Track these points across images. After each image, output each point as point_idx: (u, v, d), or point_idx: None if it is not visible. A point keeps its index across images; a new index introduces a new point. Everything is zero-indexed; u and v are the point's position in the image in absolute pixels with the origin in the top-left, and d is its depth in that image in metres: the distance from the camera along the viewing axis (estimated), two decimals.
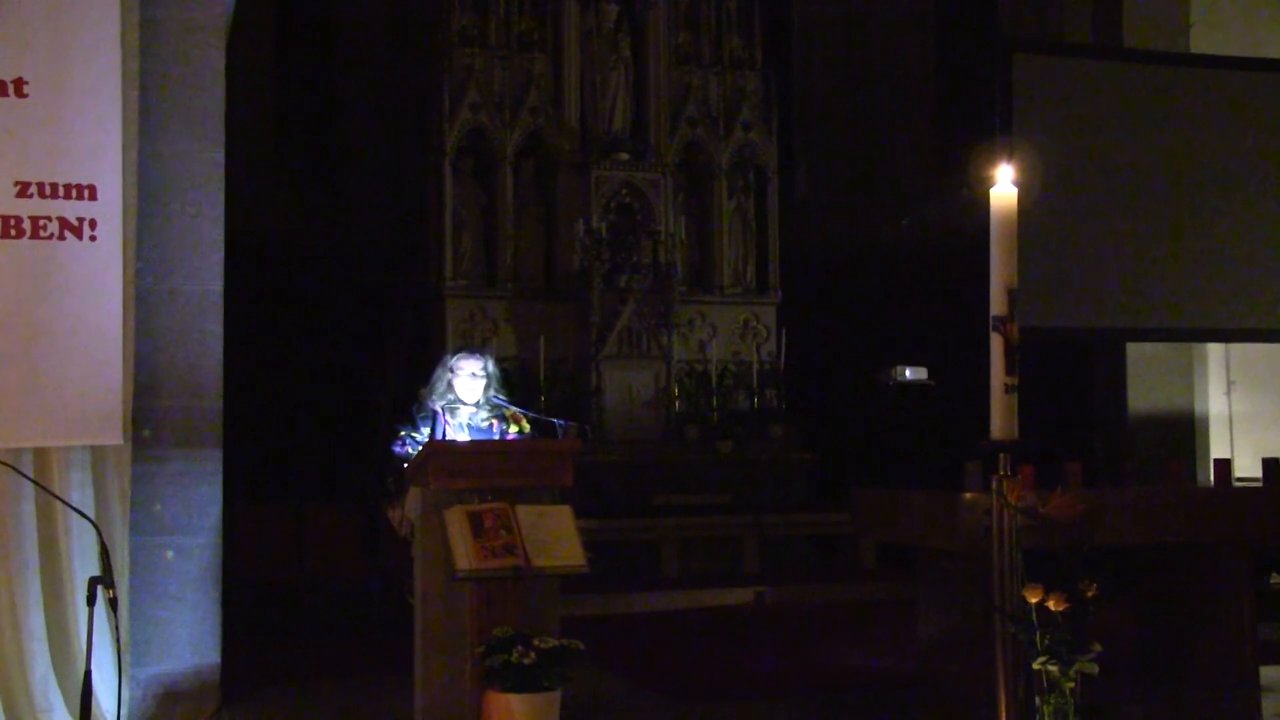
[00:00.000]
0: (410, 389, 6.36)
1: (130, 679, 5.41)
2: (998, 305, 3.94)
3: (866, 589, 9.74)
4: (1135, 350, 10.69)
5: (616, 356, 11.44)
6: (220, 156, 5.87)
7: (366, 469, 7.37)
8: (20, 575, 5.25)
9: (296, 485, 10.22)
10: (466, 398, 5.96)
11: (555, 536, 5.07)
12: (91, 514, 5.05)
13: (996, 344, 3.93)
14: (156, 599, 5.58)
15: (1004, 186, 3.98)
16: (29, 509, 5.27)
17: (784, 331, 12.02)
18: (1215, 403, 10.65)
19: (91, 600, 4.31)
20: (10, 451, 5.15)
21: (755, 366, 11.90)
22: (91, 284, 5.34)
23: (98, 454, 5.42)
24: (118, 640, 4.86)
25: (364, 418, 10.77)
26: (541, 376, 11.05)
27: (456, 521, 4.97)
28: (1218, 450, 10.01)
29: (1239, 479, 7.05)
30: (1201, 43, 10.55)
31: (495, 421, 6.00)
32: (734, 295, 12.10)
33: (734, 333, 12.06)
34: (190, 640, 5.66)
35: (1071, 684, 4.22)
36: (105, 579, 4.34)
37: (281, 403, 11.28)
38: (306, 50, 13.04)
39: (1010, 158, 4.04)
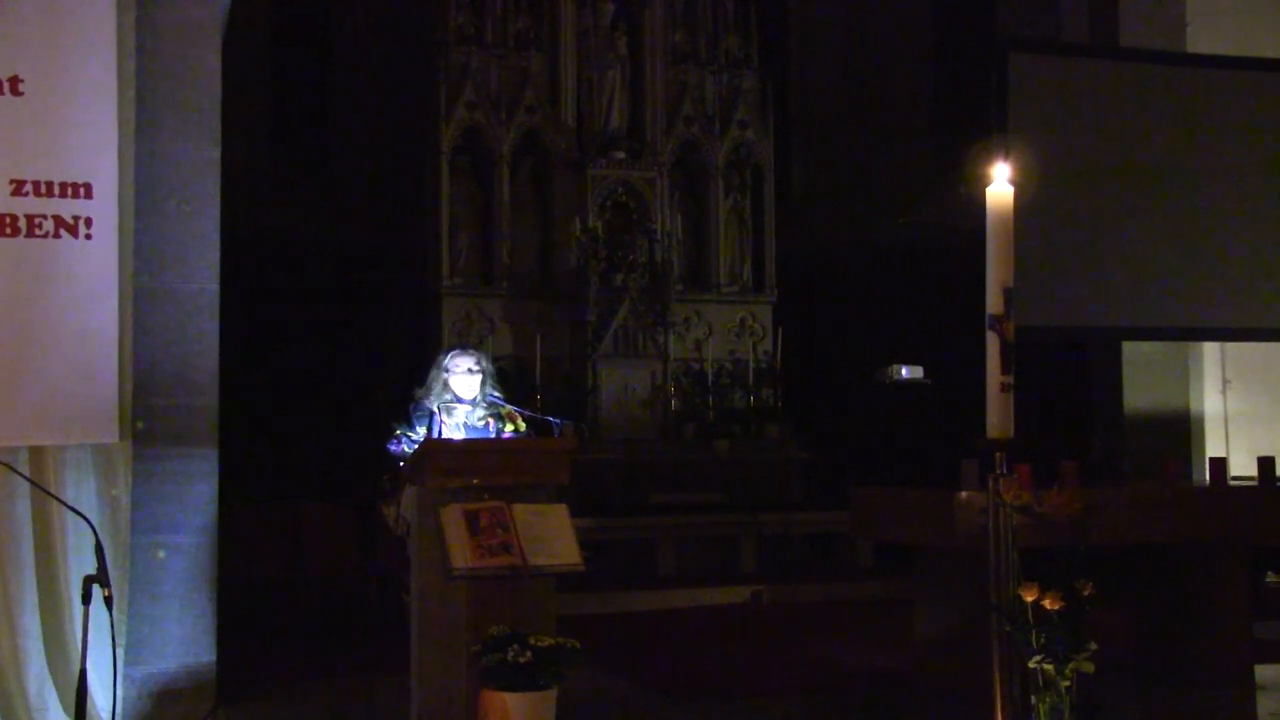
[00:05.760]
0: (407, 388, 6.36)
1: (125, 678, 5.40)
2: (994, 304, 3.95)
3: (863, 588, 9.74)
4: (1131, 349, 10.69)
5: (613, 355, 11.43)
6: (216, 155, 5.87)
7: (363, 468, 7.36)
8: (15, 574, 5.24)
9: (293, 484, 10.21)
10: (464, 394, 5.96)
11: (551, 535, 5.07)
12: (87, 512, 5.04)
13: (992, 343, 3.94)
14: (152, 598, 5.58)
15: (1000, 185, 3.99)
16: (24, 507, 5.27)
17: (780, 330, 12.02)
18: (1211, 402, 10.65)
19: (87, 599, 4.29)
20: (6, 450, 5.15)
21: (752, 365, 11.89)
22: (87, 282, 5.34)
23: (94, 452, 5.42)
24: (113, 639, 4.85)
25: (360, 417, 10.75)
26: (538, 375, 11.05)
27: (452, 520, 4.96)
28: (1213, 449, 9.99)
29: (1234, 478, 7.03)
30: (1198, 42, 10.55)
31: (491, 420, 6.00)
32: (730, 294, 12.10)
33: (730, 331, 12.05)
34: (185, 639, 5.65)
35: (1067, 682, 4.24)
36: (100, 577, 4.33)
37: (278, 401, 11.27)
38: (303, 49, 13.01)
39: (1006, 156, 4.05)
